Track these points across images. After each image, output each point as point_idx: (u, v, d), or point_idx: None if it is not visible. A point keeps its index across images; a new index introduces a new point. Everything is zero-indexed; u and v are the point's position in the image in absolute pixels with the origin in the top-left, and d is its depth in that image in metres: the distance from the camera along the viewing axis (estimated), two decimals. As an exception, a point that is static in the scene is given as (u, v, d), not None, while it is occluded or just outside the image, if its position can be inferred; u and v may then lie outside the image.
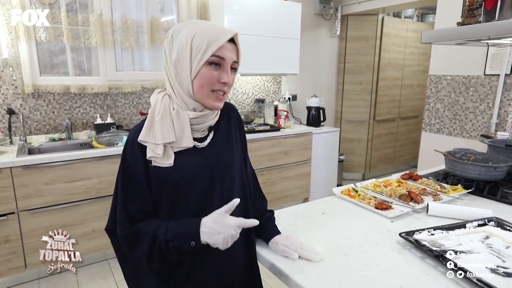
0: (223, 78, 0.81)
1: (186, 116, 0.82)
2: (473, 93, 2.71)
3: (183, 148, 0.83)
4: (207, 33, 0.79)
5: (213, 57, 0.79)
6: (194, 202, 0.86)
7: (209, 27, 0.80)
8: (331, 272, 0.82)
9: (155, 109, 0.83)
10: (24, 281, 2.14)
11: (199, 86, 0.81)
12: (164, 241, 0.80)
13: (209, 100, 0.82)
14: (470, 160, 1.50)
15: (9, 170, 1.91)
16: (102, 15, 2.51)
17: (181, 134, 0.82)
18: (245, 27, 2.85)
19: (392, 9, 3.80)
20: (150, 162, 0.82)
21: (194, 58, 0.79)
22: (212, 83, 0.81)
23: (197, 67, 0.79)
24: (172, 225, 0.81)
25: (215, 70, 0.80)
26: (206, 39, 0.78)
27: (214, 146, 0.89)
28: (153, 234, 0.81)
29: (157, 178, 0.83)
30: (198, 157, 0.86)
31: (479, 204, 1.26)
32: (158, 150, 0.80)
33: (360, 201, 1.26)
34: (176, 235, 0.80)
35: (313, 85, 3.92)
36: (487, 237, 0.96)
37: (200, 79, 0.80)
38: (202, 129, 0.87)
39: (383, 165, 4.47)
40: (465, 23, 1.30)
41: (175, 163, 0.83)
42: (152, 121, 0.82)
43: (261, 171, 2.92)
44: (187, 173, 0.84)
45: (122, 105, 2.76)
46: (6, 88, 2.32)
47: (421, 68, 4.50)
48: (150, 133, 0.81)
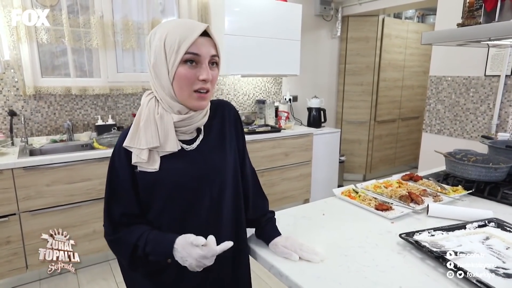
0: (202, 75, 0.78)
1: (170, 120, 0.81)
2: (473, 94, 2.71)
3: (168, 153, 0.82)
4: (178, 31, 0.76)
5: (187, 54, 0.76)
6: (182, 206, 0.85)
7: (180, 25, 0.78)
8: (331, 273, 0.82)
9: (140, 114, 0.82)
10: (25, 282, 2.14)
11: (179, 87, 0.79)
12: (143, 253, 0.81)
13: (191, 100, 0.80)
14: (470, 161, 1.50)
15: (10, 172, 1.92)
16: (103, 16, 2.52)
17: (165, 138, 0.80)
18: (245, 28, 2.86)
19: (393, 10, 3.80)
20: (136, 167, 0.82)
21: (169, 59, 0.77)
22: (191, 82, 0.78)
23: (173, 68, 0.77)
24: (152, 239, 0.81)
25: (191, 68, 0.78)
26: (177, 37, 0.76)
27: (204, 148, 0.87)
28: (134, 245, 0.81)
29: (144, 183, 0.83)
30: (185, 161, 0.84)
31: (479, 205, 1.26)
32: (143, 155, 0.79)
33: (360, 202, 1.26)
34: (154, 250, 0.80)
35: (314, 86, 3.92)
36: (487, 238, 0.96)
37: (178, 80, 0.78)
38: (190, 131, 0.85)
39: (383, 166, 4.47)
40: (465, 24, 1.30)
41: (161, 167, 0.82)
42: (137, 127, 0.81)
43: (261, 172, 2.92)
44: (173, 177, 0.83)
45: (123, 106, 2.77)
46: (7, 90, 2.33)
47: (422, 69, 4.50)
48: (135, 139, 0.80)
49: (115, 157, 0.85)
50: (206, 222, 0.88)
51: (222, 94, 3.26)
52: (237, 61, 2.86)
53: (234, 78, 3.29)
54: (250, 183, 1.01)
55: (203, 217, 0.87)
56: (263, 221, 1.00)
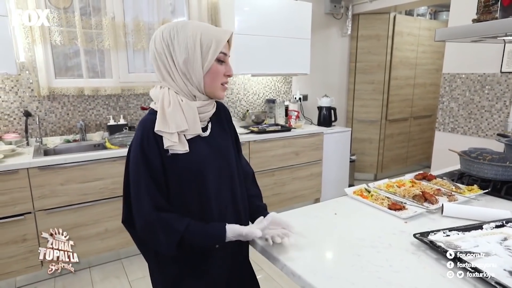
0: (229, 71, 0.93)
1: (194, 106, 0.90)
2: (489, 91, 2.65)
3: (193, 136, 0.90)
4: (212, 33, 0.88)
5: (221, 54, 0.90)
6: (208, 189, 0.92)
7: (210, 27, 0.90)
8: (344, 273, 0.81)
9: (163, 101, 0.88)
10: (40, 279, 2.18)
11: (211, 80, 0.90)
12: (189, 240, 0.87)
13: (218, 91, 0.93)
14: (486, 159, 1.47)
15: (26, 171, 1.96)
16: (114, 18, 2.55)
17: (193, 121, 0.89)
18: (255, 27, 2.85)
19: (404, 7, 3.74)
20: (167, 152, 0.87)
21: (205, 56, 0.88)
22: (221, 76, 0.92)
23: (209, 64, 0.88)
24: (198, 231, 0.88)
25: (221, 65, 0.91)
26: (213, 38, 0.88)
27: (215, 135, 0.98)
28: (182, 231, 0.86)
29: (174, 168, 0.88)
30: (206, 144, 0.94)
31: (496, 205, 1.23)
32: (174, 138, 0.86)
33: (373, 201, 1.24)
34: (202, 241, 0.89)
35: (324, 85, 3.90)
36: (505, 239, 0.93)
37: (212, 74, 0.90)
38: (205, 118, 0.95)
39: (395, 165, 4.41)
40: (481, 19, 1.27)
41: (190, 149, 0.89)
42: (164, 113, 0.87)
43: (272, 171, 2.92)
44: (198, 159, 0.91)
45: (134, 106, 2.80)
46: (23, 91, 2.38)
47: (434, 67, 4.42)
48: (164, 124, 0.86)
49: (143, 146, 0.87)
50: (226, 201, 0.97)
51: (232, 94, 3.27)
52: (247, 61, 2.86)
53: (244, 77, 3.29)
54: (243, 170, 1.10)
55: (224, 199, 0.96)
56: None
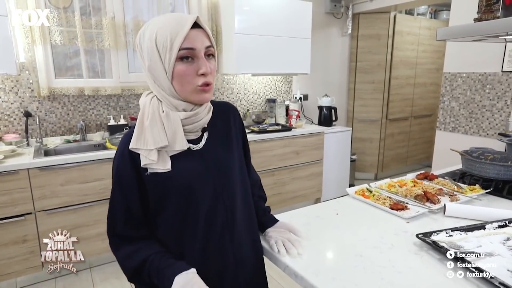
0: (201, 68, 0.75)
1: (177, 118, 0.77)
2: (490, 90, 2.65)
3: (177, 152, 0.79)
4: (168, 28, 0.73)
5: (182, 51, 0.73)
6: (195, 209, 0.82)
7: (169, 20, 0.74)
8: (346, 274, 0.81)
9: (143, 114, 0.79)
10: (41, 280, 2.18)
11: (180, 85, 0.76)
12: (147, 276, 0.81)
13: (194, 95, 0.77)
14: (488, 159, 1.46)
15: (26, 172, 1.95)
16: (114, 17, 2.54)
17: (173, 136, 0.77)
18: (255, 27, 2.85)
19: (405, 7, 3.74)
20: (146, 170, 0.78)
21: (164, 58, 0.74)
22: (191, 78, 0.75)
23: (170, 67, 0.74)
24: (155, 267, 0.79)
25: (189, 63, 0.75)
26: (168, 34, 0.72)
27: (210, 147, 0.85)
28: (134, 269, 0.81)
29: (156, 186, 0.79)
30: (195, 160, 0.82)
31: (498, 205, 1.22)
32: (152, 156, 0.76)
33: (374, 201, 1.24)
34: (158, 279, 0.79)
35: (325, 84, 3.89)
36: (508, 239, 0.93)
37: (178, 78, 0.75)
38: (195, 129, 0.82)
39: (395, 165, 4.40)
40: (483, 18, 1.26)
41: (173, 167, 0.78)
42: (142, 127, 0.77)
43: (272, 171, 2.91)
44: (186, 176, 0.80)
45: (134, 106, 2.79)
46: (23, 91, 2.37)
47: (435, 66, 4.41)
48: (141, 139, 0.76)
49: (118, 164, 0.80)
50: (221, 225, 0.85)
51: (233, 93, 3.26)
52: (247, 60, 2.85)
53: (244, 77, 3.29)
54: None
55: (219, 219, 0.84)
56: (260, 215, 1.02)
